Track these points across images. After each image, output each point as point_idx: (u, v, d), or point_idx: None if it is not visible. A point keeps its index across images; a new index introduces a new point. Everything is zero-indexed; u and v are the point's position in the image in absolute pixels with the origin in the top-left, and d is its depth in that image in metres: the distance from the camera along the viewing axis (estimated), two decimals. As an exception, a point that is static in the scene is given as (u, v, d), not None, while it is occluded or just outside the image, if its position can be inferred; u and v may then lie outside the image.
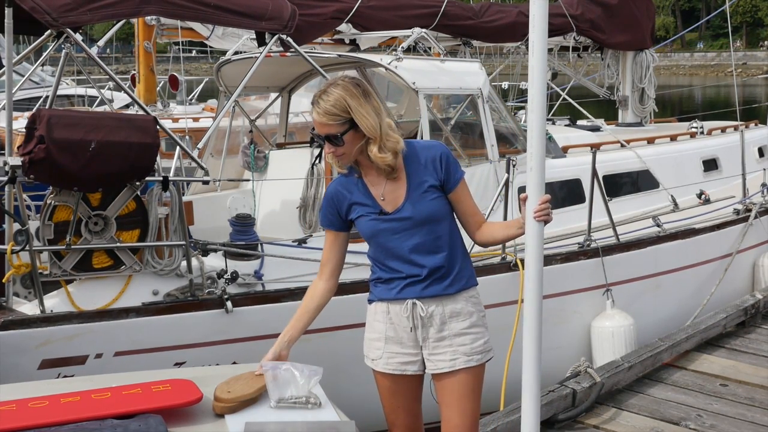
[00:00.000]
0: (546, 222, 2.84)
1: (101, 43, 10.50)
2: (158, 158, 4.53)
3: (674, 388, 4.99)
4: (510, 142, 6.44)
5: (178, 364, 4.42)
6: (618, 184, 7.13)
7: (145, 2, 4.79)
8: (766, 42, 63.56)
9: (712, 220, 6.94)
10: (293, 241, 5.18)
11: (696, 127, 8.91)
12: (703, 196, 7.36)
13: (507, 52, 9.82)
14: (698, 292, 6.67)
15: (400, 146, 2.97)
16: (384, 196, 3.01)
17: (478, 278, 3.15)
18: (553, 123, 9.25)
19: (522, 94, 11.82)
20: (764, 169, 8.04)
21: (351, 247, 3.22)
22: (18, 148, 4.31)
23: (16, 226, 4.21)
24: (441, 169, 3.02)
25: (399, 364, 3.06)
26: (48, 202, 4.33)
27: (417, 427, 3.18)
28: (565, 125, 9.13)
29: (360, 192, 3.05)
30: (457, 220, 3.11)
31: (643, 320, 6.07)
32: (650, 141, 7.94)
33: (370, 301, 3.14)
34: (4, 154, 4.53)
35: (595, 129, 8.47)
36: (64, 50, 4.59)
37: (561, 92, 9.75)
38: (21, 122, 7.49)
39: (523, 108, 10.98)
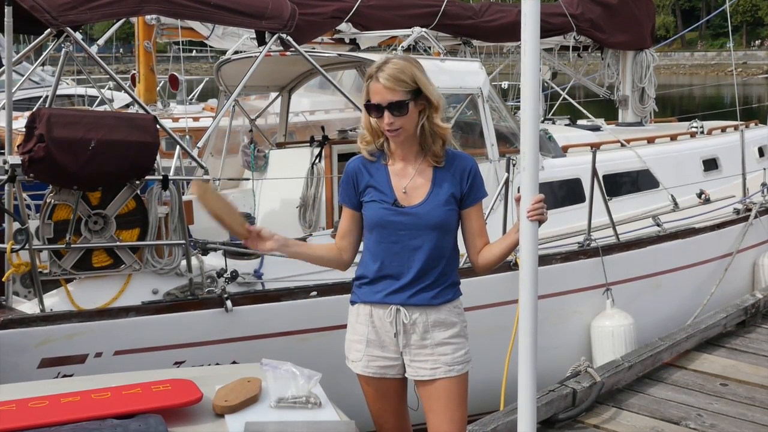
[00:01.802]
0: (540, 222, 2.81)
1: (101, 42, 10.49)
2: (158, 157, 4.53)
3: (674, 387, 4.99)
4: (510, 142, 6.44)
5: (178, 363, 4.42)
6: (618, 184, 7.13)
7: (145, 1, 4.79)
8: (760, 41, 63.33)
9: (712, 219, 6.94)
10: (293, 241, 5.17)
11: (696, 127, 8.91)
12: (703, 196, 7.35)
13: (507, 51, 9.84)
14: (698, 292, 6.67)
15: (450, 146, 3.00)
16: (406, 190, 2.96)
17: (478, 278, 3.15)
18: (553, 122, 9.26)
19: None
20: (764, 169, 8.04)
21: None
22: (18, 147, 4.31)
23: (16, 225, 4.21)
24: (466, 183, 2.99)
25: (378, 368, 3.03)
26: (48, 200, 4.33)
27: (405, 429, 3.16)
28: (565, 125, 9.13)
29: (381, 178, 2.99)
30: (460, 236, 3.07)
31: (643, 320, 6.06)
32: (650, 141, 7.94)
33: (353, 303, 3.09)
34: (3, 153, 4.53)
35: (595, 128, 8.47)
36: (64, 49, 4.59)
37: (561, 92, 9.76)
38: (21, 122, 7.48)
39: (523, 107, 10.97)
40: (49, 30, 4.51)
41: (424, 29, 6.79)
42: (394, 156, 3.00)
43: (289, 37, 5.36)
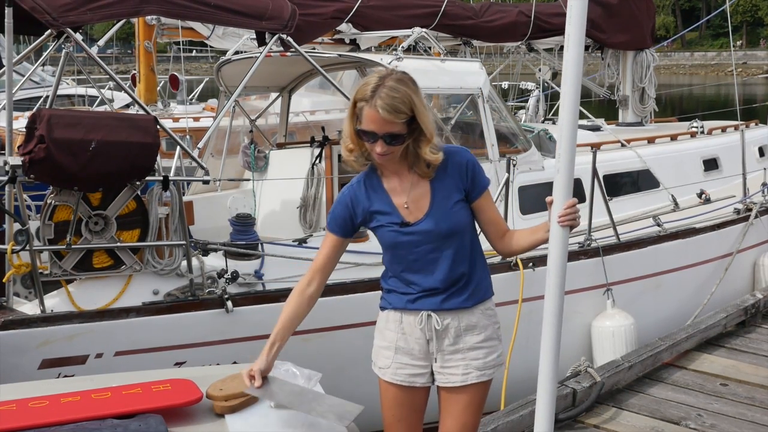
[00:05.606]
0: (572, 227, 2.72)
1: (101, 42, 10.50)
2: (158, 158, 4.53)
3: (674, 387, 4.99)
4: (510, 142, 6.44)
5: (179, 364, 4.42)
6: (618, 184, 7.13)
7: (146, 2, 4.79)
8: (741, 42, 63.04)
9: (712, 219, 6.94)
10: (293, 241, 5.18)
11: (696, 127, 8.91)
12: (703, 196, 7.36)
13: (507, 51, 9.84)
14: (699, 292, 6.67)
15: (440, 146, 2.83)
16: (408, 205, 2.84)
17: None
18: (554, 123, 9.26)
19: (522, 93, 11.83)
20: (764, 169, 8.04)
21: (352, 246, 3.18)
22: (18, 147, 4.31)
23: (17, 225, 4.22)
24: (467, 178, 2.87)
25: (407, 376, 2.94)
26: (48, 201, 4.34)
27: None
28: (566, 125, 9.11)
29: (380, 199, 2.87)
30: (478, 228, 2.96)
31: (644, 320, 6.07)
32: (650, 140, 7.94)
33: (383, 308, 3.00)
34: (4, 154, 4.53)
35: (596, 129, 8.47)
36: (64, 50, 4.59)
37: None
38: (21, 122, 7.49)
39: (523, 108, 11.00)
40: (49, 31, 4.51)
41: (424, 29, 6.80)
42: (384, 170, 2.87)
43: (289, 38, 5.36)
